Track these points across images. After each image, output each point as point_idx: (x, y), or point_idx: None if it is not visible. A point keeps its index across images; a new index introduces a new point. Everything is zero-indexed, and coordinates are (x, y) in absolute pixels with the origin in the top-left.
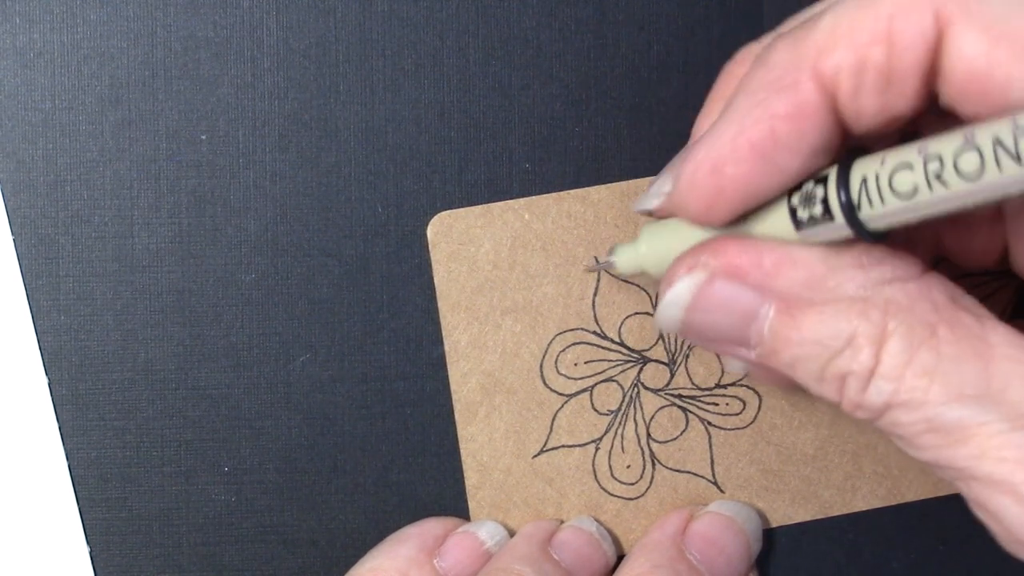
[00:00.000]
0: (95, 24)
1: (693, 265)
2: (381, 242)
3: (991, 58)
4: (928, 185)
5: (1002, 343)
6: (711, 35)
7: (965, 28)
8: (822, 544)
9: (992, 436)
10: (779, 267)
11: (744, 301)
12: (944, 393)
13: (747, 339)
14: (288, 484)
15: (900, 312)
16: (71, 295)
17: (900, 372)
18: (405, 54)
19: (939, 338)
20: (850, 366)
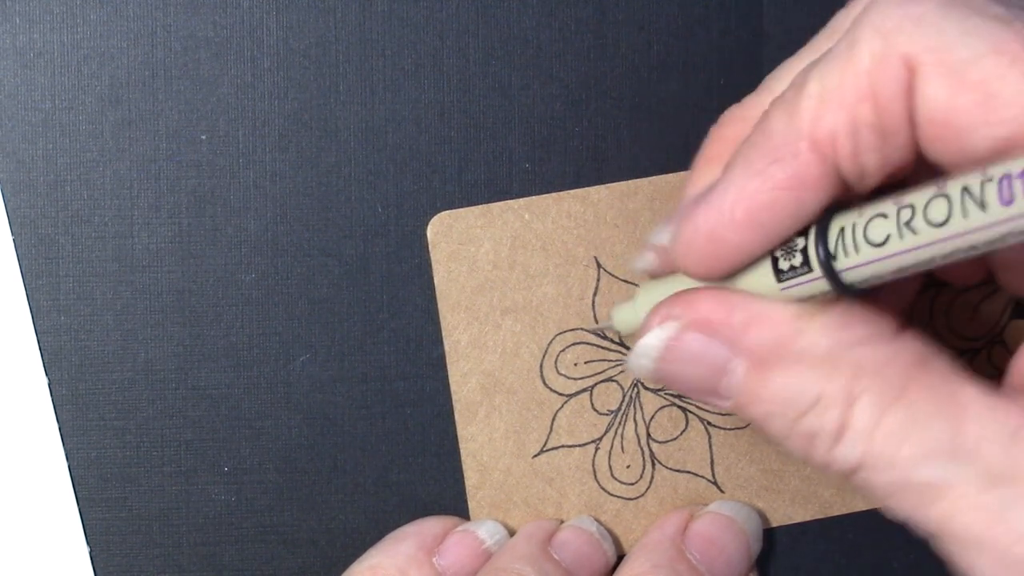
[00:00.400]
0: (95, 24)
1: (666, 316)
2: (381, 242)
3: (953, 105)
4: (899, 233)
5: (972, 402)
6: (711, 35)
7: (930, 75)
8: (822, 544)
9: (962, 497)
10: (748, 325)
11: (714, 355)
12: (915, 453)
13: (718, 391)
14: (288, 484)
15: (869, 373)
16: (71, 295)
17: (869, 433)
18: (405, 54)
19: (909, 398)
20: (817, 425)
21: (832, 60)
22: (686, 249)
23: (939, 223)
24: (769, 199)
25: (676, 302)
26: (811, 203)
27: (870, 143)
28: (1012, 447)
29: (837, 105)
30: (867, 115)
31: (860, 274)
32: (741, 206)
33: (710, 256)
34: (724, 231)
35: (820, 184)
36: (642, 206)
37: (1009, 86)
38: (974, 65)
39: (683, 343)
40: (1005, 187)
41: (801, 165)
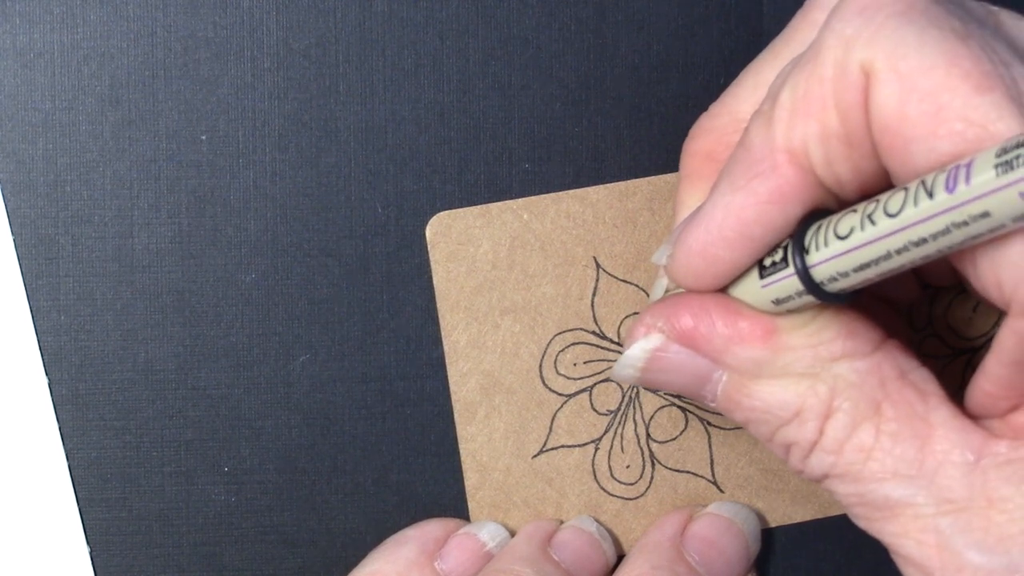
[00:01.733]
0: (95, 24)
1: (650, 327)
2: (381, 242)
3: (903, 113)
4: (860, 225)
5: (941, 424)
6: (711, 35)
7: (884, 82)
8: (822, 544)
9: (917, 518)
10: (731, 341)
11: (698, 366)
12: (878, 471)
13: (704, 396)
14: (288, 484)
15: (847, 389)
16: (71, 295)
17: (840, 447)
18: (405, 54)
19: (881, 416)
20: (795, 437)
21: (801, 68)
22: (683, 270)
23: (894, 213)
24: (755, 214)
25: (660, 312)
26: (795, 212)
27: (839, 152)
28: (971, 474)
29: (805, 115)
30: (834, 124)
31: (827, 270)
32: (729, 223)
33: (705, 274)
34: (716, 249)
35: (801, 194)
36: (641, 206)
37: (958, 99)
38: (926, 75)
39: (667, 355)
40: (951, 177)
41: (780, 178)
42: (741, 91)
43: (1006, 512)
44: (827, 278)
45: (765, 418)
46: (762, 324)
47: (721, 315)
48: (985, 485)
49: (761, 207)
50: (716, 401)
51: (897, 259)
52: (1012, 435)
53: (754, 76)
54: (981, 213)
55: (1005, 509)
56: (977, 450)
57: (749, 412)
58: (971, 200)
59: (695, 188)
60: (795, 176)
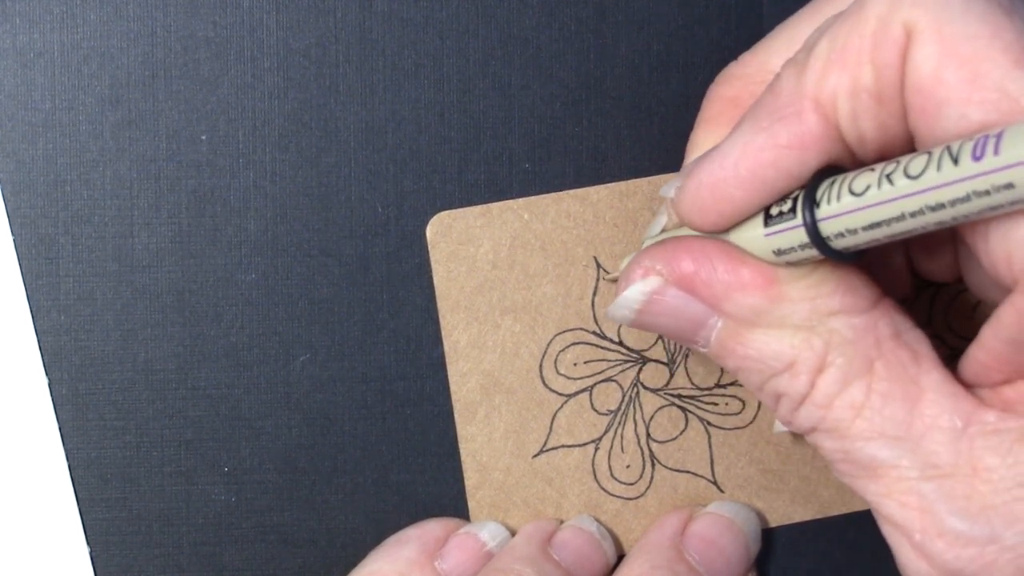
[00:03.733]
0: (95, 24)
1: (648, 270)
2: (381, 242)
3: (939, 76)
4: (878, 183)
5: (932, 388)
6: (711, 35)
7: (924, 43)
8: (822, 544)
9: (901, 480)
10: (730, 288)
11: (694, 311)
12: (865, 429)
13: (696, 341)
14: (288, 484)
15: (842, 344)
16: (71, 295)
17: (830, 401)
18: (405, 54)
19: (874, 374)
20: (786, 388)
21: (842, 21)
22: (690, 203)
23: (915, 175)
24: (772, 157)
25: (659, 255)
26: (813, 162)
27: (868, 108)
28: (958, 440)
29: (840, 66)
30: (867, 79)
31: (836, 225)
32: (745, 163)
33: (712, 210)
34: (728, 186)
35: (822, 144)
36: (641, 206)
37: (996, 70)
38: (968, 42)
39: (664, 298)
40: (980, 145)
41: (804, 125)
42: (774, 43)
43: (990, 482)
44: (834, 233)
45: (758, 367)
46: (763, 272)
47: (722, 261)
48: (971, 453)
49: (780, 151)
50: (709, 347)
51: (910, 222)
52: (1001, 406)
53: (789, 31)
54: (1005, 184)
55: (989, 479)
56: (966, 417)
57: (742, 360)
58: (997, 170)
59: (712, 131)
60: (819, 126)
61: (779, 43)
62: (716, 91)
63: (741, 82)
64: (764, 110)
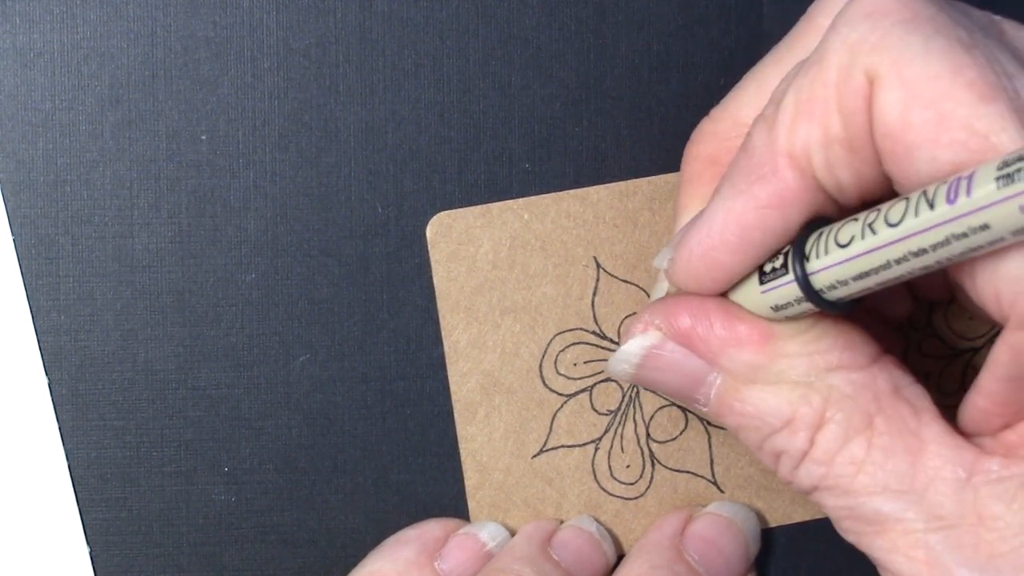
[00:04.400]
0: (95, 24)
1: (648, 324)
2: (381, 242)
3: (906, 120)
4: (861, 233)
5: (933, 441)
6: (711, 35)
7: (888, 88)
8: (822, 544)
9: (907, 533)
10: (727, 343)
11: (693, 366)
12: (869, 484)
13: (696, 398)
14: (288, 484)
15: (841, 400)
16: (71, 295)
17: (830, 458)
18: (405, 54)
19: (874, 429)
20: (786, 446)
21: (805, 72)
22: (683, 274)
23: (895, 223)
24: (756, 218)
25: (658, 311)
26: (797, 217)
27: (841, 157)
28: (962, 491)
29: (808, 119)
30: (836, 129)
31: (827, 278)
32: (730, 228)
33: (706, 278)
34: (717, 253)
35: (802, 198)
36: (641, 206)
37: (962, 108)
38: (931, 83)
39: (662, 353)
40: (952, 188)
41: (781, 182)
42: (744, 95)
43: (996, 530)
44: (826, 286)
45: (756, 424)
46: (759, 329)
47: (719, 317)
48: (976, 502)
49: (762, 211)
50: (709, 405)
51: (897, 269)
52: (1004, 453)
53: (757, 80)
54: (981, 225)
55: (995, 527)
56: (969, 467)
57: (740, 417)
58: (971, 212)
59: (696, 192)
60: (796, 181)
61: (748, 94)
62: (692, 150)
63: (716, 139)
64: (740, 172)
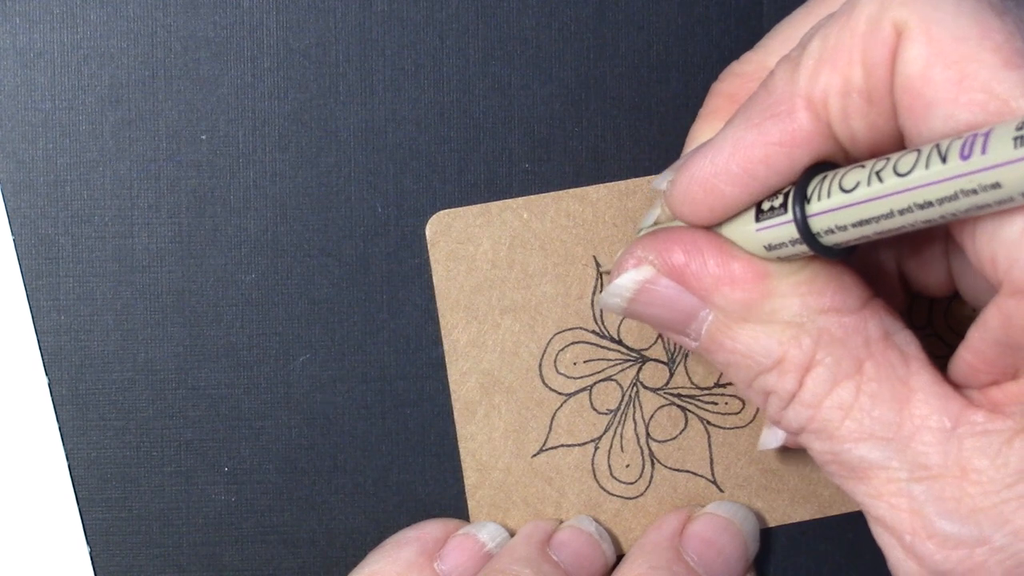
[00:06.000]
0: (95, 24)
1: (640, 260)
2: (381, 242)
3: (928, 76)
4: (867, 180)
5: (921, 389)
6: (711, 35)
7: (914, 42)
8: (822, 544)
9: (890, 481)
10: (720, 281)
11: (685, 302)
12: (854, 430)
13: (686, 333)
14: (288, 484)
15: (831, 343)
16: (71, 295)
17: (818, 401)
18: (405, 54)
19: (863, 374)
20: (775, 386)
21: (834, 21)
22: (682, 197)
23: (904, 173)
24: (763, 154)
25: (652, 245)
26: (803, 160)
27: (858, 107)
28: (947, 442)
29: (831, 66)
30: (857, 79)
31: (826, 221)
32: (736, 159)
33: (703, 205)
34: (718, 182)
35: (813, 142)
36: (641, 205)
37: (985, 71)
38: (958, 43)
39: (656, 288)
40: (968, 144)
41: (795, 123)
42: (772, 43)
43: (979, 484)
44: (824, 229)
45: (746, 363)
46: (753, 267)
47: (713, 254)
48: (960, 454)
49: (770, 148)
50: (699, 341)
51: (898, 219)
52: (990, 407)
53: (788, 30)
54: (992, 183)
55: (978, 481)
56: (955, 417)
57: (731, 355)
58: (984, 169)
59: (710, 125)
60: (810, 124)
61: (776, 42)
62: (717, 87)
63: (740, 79)
64: (757, 107)
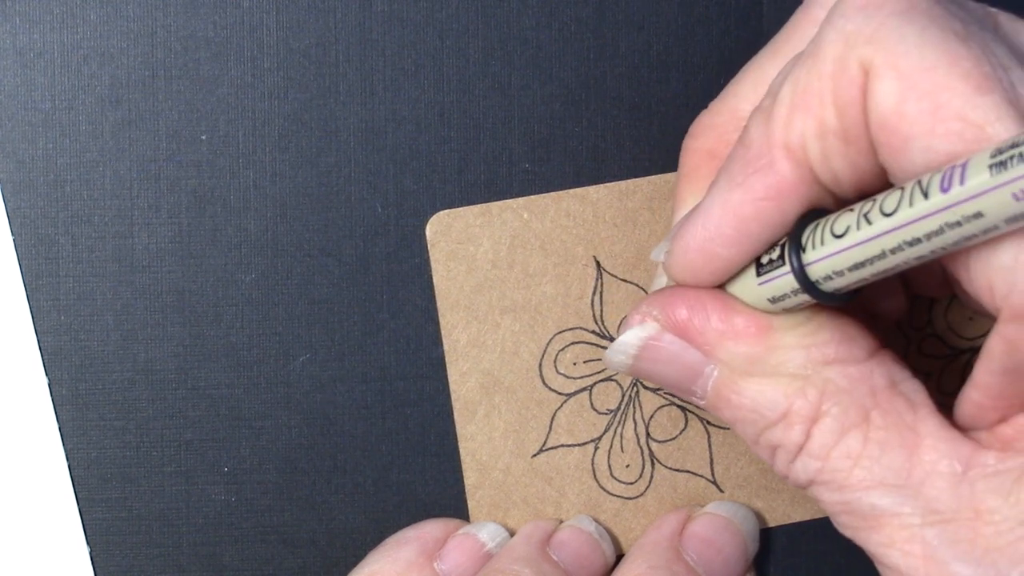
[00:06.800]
0: (95, 24)
1: (645, 316)
2: (381, 242)
3: (901, 111)
4: (857, 224)
5: (929, 435)
6: (711, 35)
7: (883, 79)
8: (821, 544)
9: (903, 528)
10: (724, 335)
11: (690, 358)
12: (865, 479)
13: (693, 391)
14: (288, 484)
15: (837, 394)
16: (71, 295)
17: (827, 452)
18: (405, 54)
19: (870, 423)
20: (781, 439)
21: (801, 65)
22: (681, 266)
23: (890, 213)
24: (753, 210)
25: (656, 302)
26: (793, 209)
27: (836, 148)
28: (958, 486)
29: (804, 110)
30: (831, 120)
31: (823, 268)
32: (727, 221)
33: (703, 271)
34: (714, 246)
35: (798, 190)
36: (641, 205)
37: (957, 99)
38: (926, 74)
39: (660, 344)
40: (947, 177)
41: (778, 174)
42: (741, 89)
43: (993, 524)
44: (823, 276)
45: (752, 417)
46: (756, 321)
47: (716, 309)
48: (972, 496)
49: (759, 204)
50: (705, 398)
51: (891, 259)
52: (1000, 447)
53: (755, 73)
54: (974, 213)
55: (992, 521)
56: (965, 461)
57: (737, 410)
58: (965, 200)
59: (694, 186)
60: (792, 172)
61: (746, 87)
62: (691, 144)
63: (714, 133)
64: (737, 164)
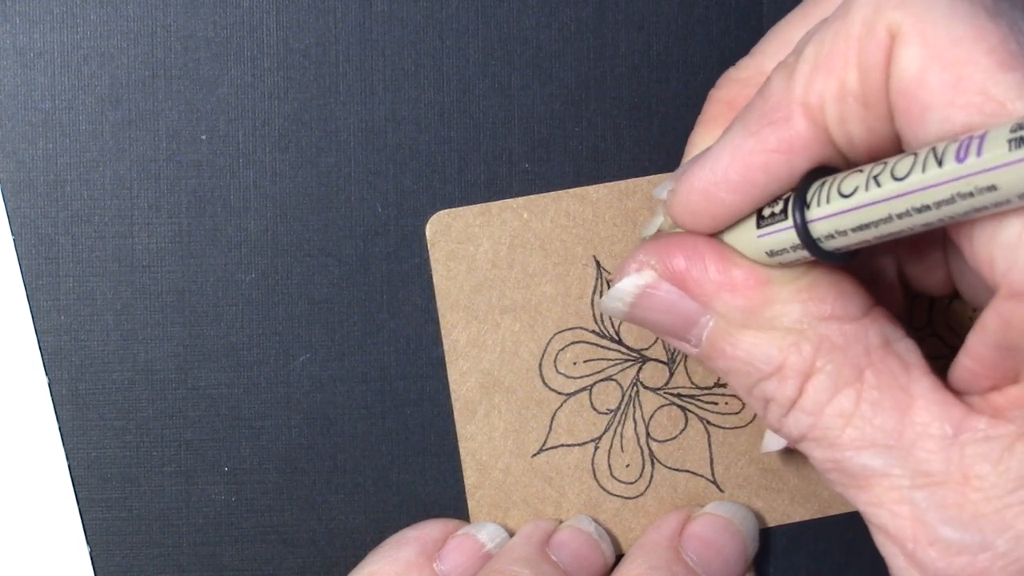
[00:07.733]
0: (95, 24)
1: (642, 264)
2: (381, 242)
3: (923, 79)
4: (865, 185)
5: (922, 396)
6: (711, 35)
7: (908, 45)
8: (822, 544)
9: (893, 489)
10: (721, 287)
11: (686, 308)
12: (856, 438)
13: (687, 339)
14: (288, 484)
15: (832, 351)
16: (71, 295)
17: (819, 409)
18: (405, 54)
19: (864, 382)
20: (775, 393)
21: (829, 25)
22: (682, 206)
23: (901, 177)
24: (762, 161)
25: (654, 250)
26: (802, 165)
27: (855, 111)
28: (949, 448)
29: (827, 71)
30: (853, 83)
31: (826, 227)
32: (735, 167)
33: (705, 213)
34: (718, 190)
35: (811, 148)
36: (641, 205)
37: (980, 73)
38: (952, 45)
39: (657, 292)
40: (963, 147)
41: (792, 129)
42: (768, 47)
43: (981, 490)
44: (824, 235)
45: (746, 369)
46: (754, 274)
47: (714, 260)
48: (962, 461)
49: (769, 155)
50: (700, 347)
51: (897, 223)
52: (991, 413)
53: (783, 33)
54: (988, 186)
55: (980, 487)
56: (956, 424)
57: (731, 361)
58: (980, 172)
59: (710, 132)
60: (807, 130)
61: (773, 46)
62: (715, 94)
63: (738, 85)
64: (754, 114)
